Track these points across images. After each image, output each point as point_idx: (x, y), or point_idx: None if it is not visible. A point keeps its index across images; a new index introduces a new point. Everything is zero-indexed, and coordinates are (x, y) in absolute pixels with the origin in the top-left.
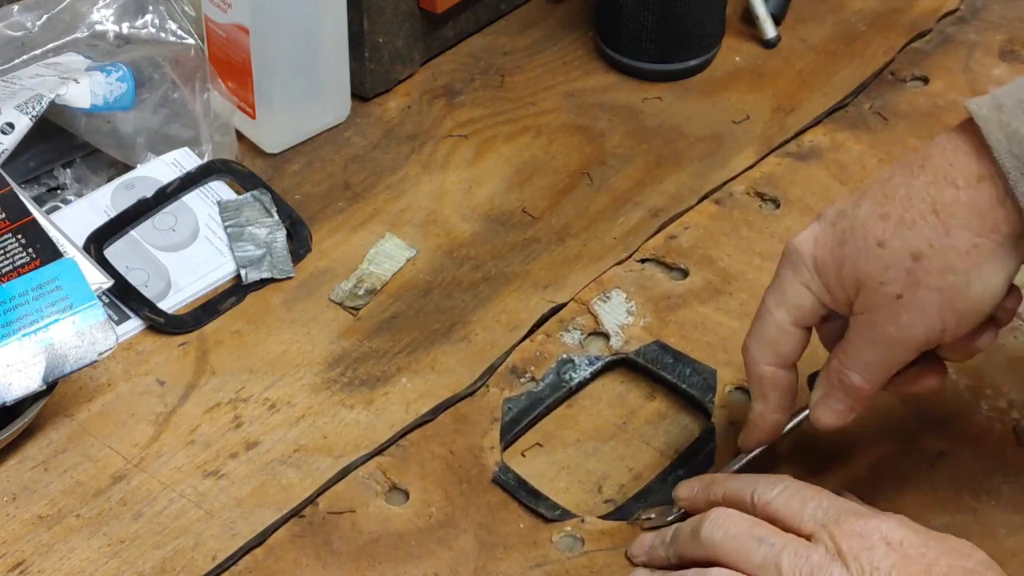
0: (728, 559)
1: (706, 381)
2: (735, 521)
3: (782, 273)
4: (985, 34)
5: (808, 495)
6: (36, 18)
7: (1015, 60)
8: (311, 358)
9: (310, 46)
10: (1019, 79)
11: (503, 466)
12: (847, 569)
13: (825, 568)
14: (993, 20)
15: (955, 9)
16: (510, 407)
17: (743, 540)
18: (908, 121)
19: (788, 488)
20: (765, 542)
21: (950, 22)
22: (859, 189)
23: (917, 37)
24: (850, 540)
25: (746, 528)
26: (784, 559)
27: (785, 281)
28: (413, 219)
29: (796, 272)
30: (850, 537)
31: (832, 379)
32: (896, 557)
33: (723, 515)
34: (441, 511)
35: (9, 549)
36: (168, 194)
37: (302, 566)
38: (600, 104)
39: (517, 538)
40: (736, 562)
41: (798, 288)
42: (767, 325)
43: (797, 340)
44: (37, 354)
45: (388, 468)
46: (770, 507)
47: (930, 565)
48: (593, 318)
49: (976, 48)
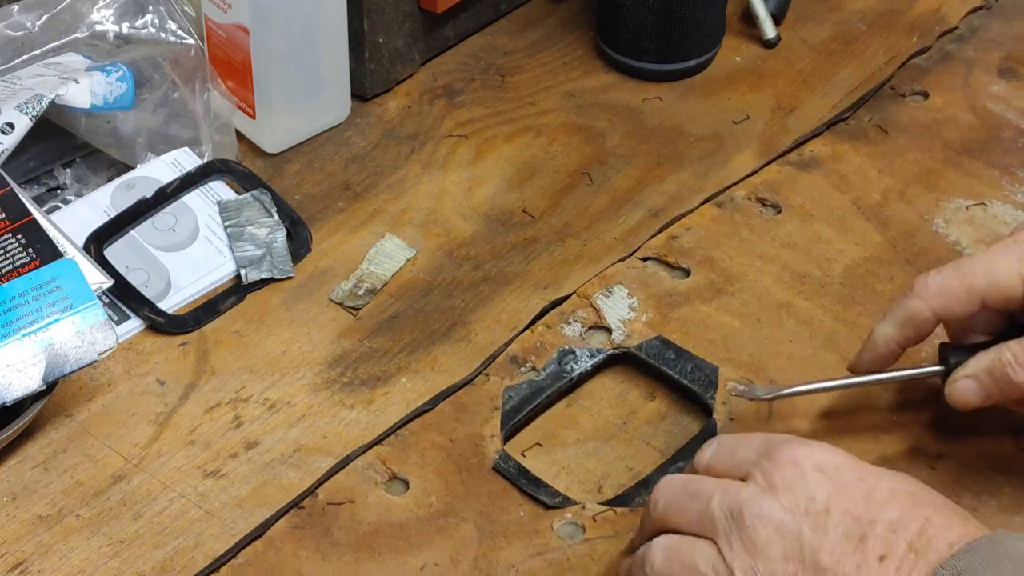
0: (672, 522)
1: (708, 377)
2: (671, 483)
3: (1003, 250)
4: (983, 52)
5: (741, 442)
6: (36, 18)
7: (1013, 77)
8: (311, 358)
9: (310, 46)
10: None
11: (503, 454)
12: (779, 500)
13: (755, 501)
14: (991, 39)
15: (954, 27)
16: (511, 395)
17: (679, 498)
18: (908, 134)
19: (722, 442)
20: (697, 496)
21: (949, 40)
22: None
23: (917, 53)
24: (782, 471)
25: (680, 486)
26: (714, 502)
27: (1002, 259)
28: (413, 219)
29: (1021, 260)
30: (782, 468)
31: (995, 366)
32: (832, 485)
33: (665, 481)
34: (441, 500)
35: (9, 549)
36: (168, 194)
37: (302, 557)
38: (600, 104)
39: (518, 526)
40: (678, 524)
41: (1011, 275)
42: (959, 280)
43: (971, 310)
44: (37, 354)
45: (388, 458)
46: (709, 466)
47: (870, 491)
48: (595, 312)
49: (975, 65)
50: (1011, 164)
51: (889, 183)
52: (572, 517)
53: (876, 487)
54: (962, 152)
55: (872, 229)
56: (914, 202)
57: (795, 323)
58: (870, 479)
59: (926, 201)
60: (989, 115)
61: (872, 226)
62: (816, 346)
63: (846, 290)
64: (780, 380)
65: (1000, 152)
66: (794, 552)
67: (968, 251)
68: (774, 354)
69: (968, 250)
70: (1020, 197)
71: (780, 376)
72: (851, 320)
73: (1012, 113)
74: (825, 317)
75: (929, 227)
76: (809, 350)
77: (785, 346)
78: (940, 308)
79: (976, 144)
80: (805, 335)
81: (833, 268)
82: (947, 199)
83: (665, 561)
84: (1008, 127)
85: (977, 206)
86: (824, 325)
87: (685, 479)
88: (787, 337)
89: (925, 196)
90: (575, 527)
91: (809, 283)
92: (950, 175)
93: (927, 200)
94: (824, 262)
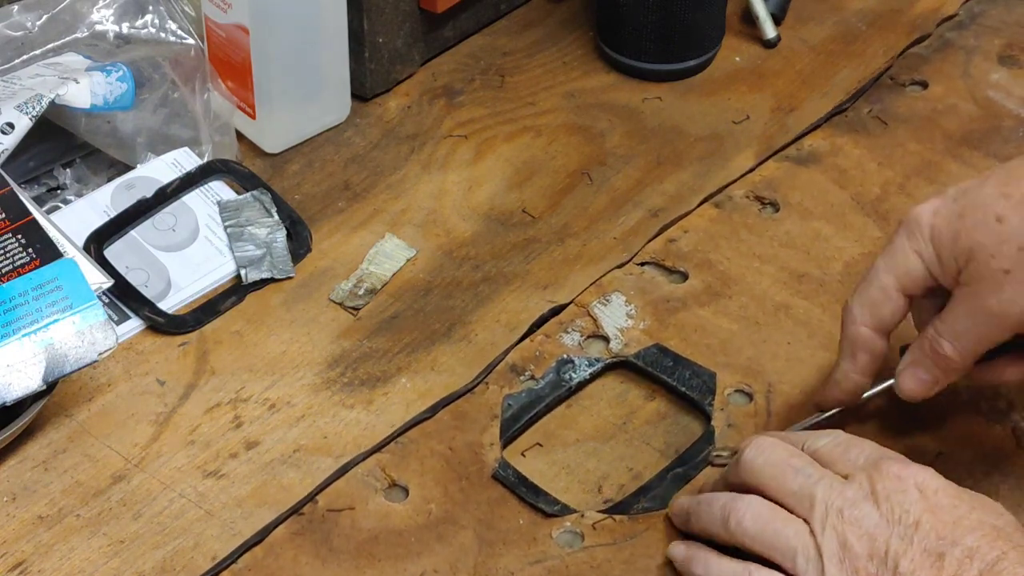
0: (765, 485)
1: (705, 384)
2: (776, 449)
3: (897, 239)
4: (984, 39)
5: (854, 443)
6: (36, 18)
7: (1014, 65)
8: (311, 358)
9: (310, 46)
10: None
11: (503, 462)
12: (878, 508)
13: (858, 504)
14: (991, 25)
15: (954, 14)
16: (510, 404)
17: (781, 467)
18: (907, 125)
19: (837, 437)
20: (802, 472)
21: (949, 27)
22: (984, 173)
23: (916, 42)
24: (885, 481)
25: (785, 456)
26: (819, 490)
27: (898, 247)
28: (413, 219)
29: (911, 239)
30: (886, 479)
31: (924, 347)
32: (927, 504)
33: (767, 442)
34: (441, 508)
35: (9, 549)
36: (168, 194)
37: (301, 564)
38: (600, 104)
39: (517, 534)
40: (773, 488)
41: (910, 254)
42: (873, 286)
43: (898, 306)
44: (37, 354)
45: (387, 465)
46: (818, 452)
47: (960, 518)
48: (593, 321)
49: (975, 53)
50: (1012, 154)
51: (889, 176)
52: (571, 525)
53: (967, 515)
54: (962, 143)
55: (872, 224)
56: (914, 195)
57: (793, 324)
58: (963, 507)
59: (927, 194)
60: (990, 104)
61: (872, 221)
62: (815, 347)
63: (845, 289)
64: (778, 382)
65: (1001, 142)
66: (879, 554)
67: None
68: (772, 356)
69: None
70: None
71: (778, 378)
72: None
73: (1012, 102)
74: (824, 317)
75: None
76: (807, 351)
77: (783, 348)
78: (872, 321)
79: (977, 134)
80: (804, 336)
81: (832, 266)
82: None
83: (755, 522)
84: (1009, 116)
85: None
86: (823, 325)
87: (791, 450)
88: (785, 339)
89: (926, 189)
90: (574, 535)
91: (808, 283)
92: (950, 166)
93: (928, 193)
94: (823, 260)
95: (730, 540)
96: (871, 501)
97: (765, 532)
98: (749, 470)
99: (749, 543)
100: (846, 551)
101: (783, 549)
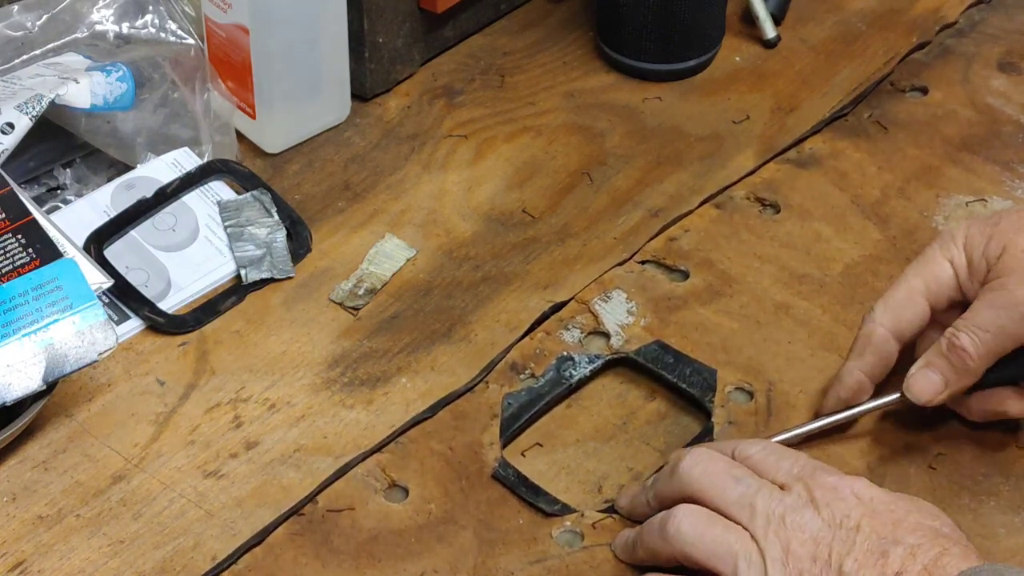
0: (703, 494)
1: (706, 381)
2: (714, 459)
3: (928, 249)
4: (983, 46)
5: (786, 454)
6: (36, 18)
7: (1013, 72)
8: (311, 358)
9: (310, 46)
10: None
11: (503, 462)
12: (819, 514)
13: (798, 510)
14: (991, 33)
15: (954, 22)
16: (510, 402)
17: (721, 477)
18: (907, 131)
19: (767, 447)
20: (742, 481)
21: (948, 34)
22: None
23: (916, 48)
24: (823, 490)
25: (724, 467)
26: (759, 499)
27: (929, 255)
28: (413, 219)
29: (943, 248)
30: (823, 488)
31: (941, 345)
32: (865, 509)
33: (704, 453)
34: (440, 508)
35: (9, 549)
36: (168, 194)
37: (301, 564)
38: (600, 104)
39: (517, 534)
40: (711, 498)
41: (941, 261)
42: (899, 289)
43: (919, 312)
44: (37, 354)
45: (387, 465)
46: (749, 461)
47: (899, 520)
48: (593, 317)
49: (974, 60)
50: (1011, 160)
51: (889, 180)
52: (571, 524)
53: (905, 518)
54: (962, 148)
55: (871, 227)
56: (914, 199)
57: (794, 324)
58: (900, 511)
59: (926, 198)
60: (989, 110)
61: (871, 224)
62: (815, 346)
63: (845, 289)
64: (779, 381)
65: (1000, 147)
66: (823, 556)
67: None
68: (772, 355)
69: None
70: (1020, 193)
71: (779, 377)
72: (850, 320)
73: (1012, 108)
74: (824, 317)
75: (929, 224)
76: (808, 351)
77: (784, 347)
78: (891, 322)
79: (976, 139)
80: (804, 335)
81: (832, 267)
82: (947, 195)
83: (693, 529)
84: (1008, 122)
85: (977, 202)
86: (823, 325)
87: (728, 461)
88: (786, 338)
89: (925, 192)
90: (574, 534)
91: (808, 283)
92: (950, 171)
93: (927, 196)
94: (823, 261)
95: (669, 550)
96: (812, 508)
97: (704, 538)
98: (687, 480)
99: (688, 549)
100: (789, 555)
101: (724, 555)
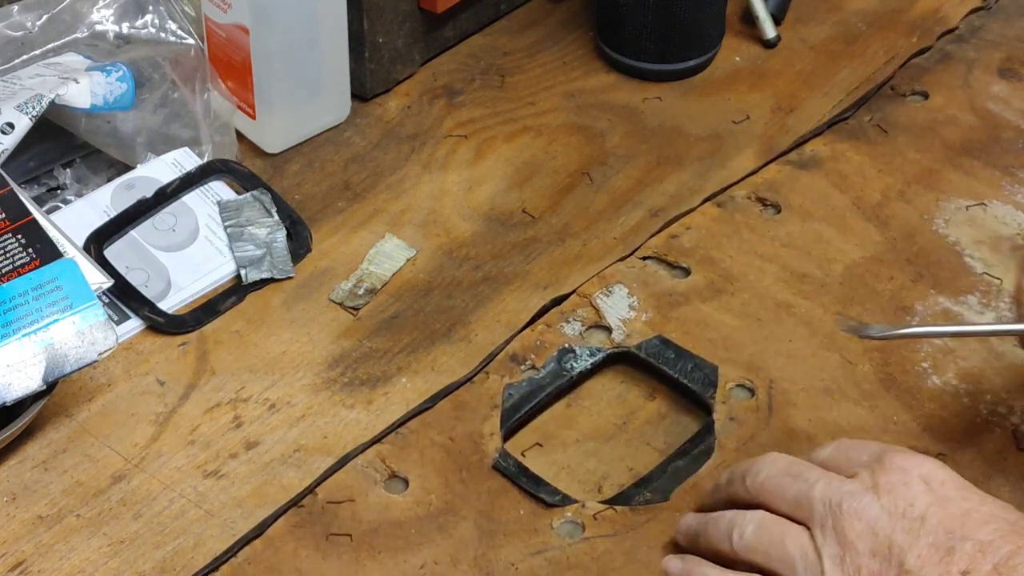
0: (768, 499)
1: (707, 377)
2: (777, 461)
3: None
4: (983, 52)
5: (856, 444)
6: (36, 18)
7: (1013, 78)
8: (311, 358)
9: (310, 46)
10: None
11: (503, 452)
12: (878, 500)
13: (857, 496)
14: (991, 39)
15: (954, 28)
16: (511, 393)
17: (780, 477)
18: (908, 134)
19: (840, 443)
20: (800, 478)
21: (949, 40)
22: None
23: (917, 53)
24: (889, 474)
25: (784, 466)
26: (816, 490)
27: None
28: (413, 219)
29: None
30: (889, 471)
31: None
32: (934, 496)
33: (771, 457)
34: (441, 499)
35: (9, 549)
36: (168, 194)
37: (301, 556)
38: (600, 104)
39: (517, 525)
40: (773, 501)
41: None
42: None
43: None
44: (37, 354)
45: (387, 456)
46: (823, 462)
47: (970, 511)
48: (595, 311)
49: (975, 65)
50: (1011, 164)
51: (889, 183)
52: (572, 515)
53: (977, 508)
54: (962, 152)
55: (872, 229)
56: (914, 202)
57: (795, 323)
58: (973, 500)
59: (926, 201)
60: (989, 115)
61: (872, 226)
62: (816, 346)
63: (846, 290)
64: (780, 379)
65: (1000, 152)
66: (882, 550)
67: (968, 252)
68: (774, 354)
69: (968, 251)
70: (1020, 198)
71: (780, 375)
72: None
73: (1012, 113)
74: (825, 317)
75: (929, 227)
76: (809, 350)
77: (785, 345)
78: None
79: (976, 144)
80: (805, 335)
81: (833, 268)
82: (947, 199)
83: (755, 535)
84: (1008, 127)
85: (977, 206)
86: (824, 325)
87: (791, 460)
88: (787, 337)
89: (925, 196)
90: (575, 525)
91: (809, 283)
92: (950, 175)
93: (927, 200)
94: (824, 262)
95: (736, 557)
96: (872, 493)
97: (763, 543)
98: (753, 487)
99: (753, 557)
100: (846, 549)
101: (783, 558)
